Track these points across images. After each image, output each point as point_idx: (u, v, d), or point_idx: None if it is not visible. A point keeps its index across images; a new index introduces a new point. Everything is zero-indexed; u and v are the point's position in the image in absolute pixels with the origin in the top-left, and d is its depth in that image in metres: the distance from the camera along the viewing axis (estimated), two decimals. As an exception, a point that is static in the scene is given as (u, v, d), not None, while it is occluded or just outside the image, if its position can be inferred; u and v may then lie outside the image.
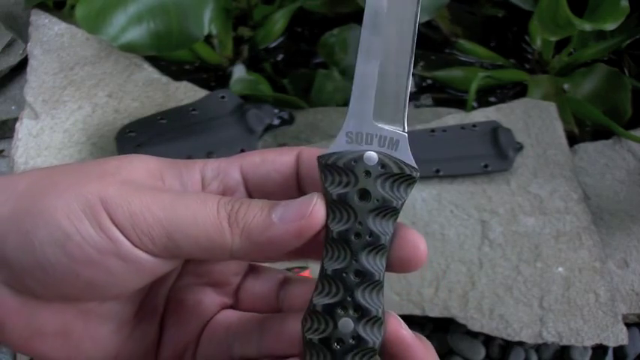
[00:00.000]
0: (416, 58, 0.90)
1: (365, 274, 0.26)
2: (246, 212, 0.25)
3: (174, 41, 0.69)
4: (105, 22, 0.67)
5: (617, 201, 0.71)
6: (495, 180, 0.69)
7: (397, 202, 0.27)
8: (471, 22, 0.92)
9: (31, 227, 0.24)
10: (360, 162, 0.26)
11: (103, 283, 0.25)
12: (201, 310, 0.29)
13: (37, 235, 0.24)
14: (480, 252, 0.65)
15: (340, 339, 0.26)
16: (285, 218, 0.25)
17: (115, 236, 0.24)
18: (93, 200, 0.24)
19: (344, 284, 0.26)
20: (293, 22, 0.87)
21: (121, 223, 0.24)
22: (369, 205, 0.26)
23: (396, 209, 0.26)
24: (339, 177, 0.26)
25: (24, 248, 0.24)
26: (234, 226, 0.25)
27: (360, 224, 0.26)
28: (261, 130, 0.69)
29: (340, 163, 0.26)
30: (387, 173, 0.27)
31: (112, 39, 0.67)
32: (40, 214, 0.24)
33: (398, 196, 0.27)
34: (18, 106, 0.79)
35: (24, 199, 0.25)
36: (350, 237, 0.26)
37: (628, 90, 0.80)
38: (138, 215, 0.24)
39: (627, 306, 0.65)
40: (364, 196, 0.26)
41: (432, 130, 0.71)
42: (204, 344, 0.29)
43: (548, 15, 0.75)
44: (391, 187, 0.27)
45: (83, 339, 0.27)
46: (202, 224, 0.25)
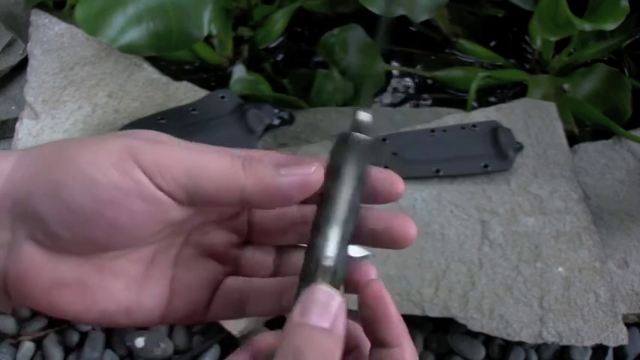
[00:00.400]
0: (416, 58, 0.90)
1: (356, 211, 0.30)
2: (258, 161, 0.29)
3: (173, 42, 0.69)
4: (104, 23, 0.67)
5: (617, 201, 0.71)
6: (495, 180, 0.69)
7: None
8: (471, 22, 0.92)
9: (60, 176, 0.27)
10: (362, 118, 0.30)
11: (124, 224, 0.28)
12: (208, 276, 0.33)
13: (66, 183, 0.27)
14: (480, 252, 0.65)
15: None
16: (292, 170, 0.29)
17: (139, 178, 0.27)
18: (120, 149, 0.27)
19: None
20: (293, 22, 0.87)
21: (146, 166, 0.27)
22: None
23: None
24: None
25: (53, 195, 0.27)
26: (247, 169, 0.28)
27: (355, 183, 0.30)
28: (261, 130, 0.69)
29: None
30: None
31: (111, 40, 0.67)
32: (68, 164, 0.27)
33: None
34: (18, 106, 0.79)
35: (50, 157, 0.28)
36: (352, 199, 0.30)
37: (628, 90, 0.80)
38: (163, 157, 0.28)
39: (627, 306, 0.65)
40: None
41: (432, 130, 0.71)
42: (215, 306, 0.33)
43: (548, 15, 0.75)
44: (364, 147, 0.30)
45: (98, 292, 0.30)
46: (220, 166, 0.28)
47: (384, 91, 0.87)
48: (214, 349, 0.67)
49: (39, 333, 0.69)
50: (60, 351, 0.67)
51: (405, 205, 0.67)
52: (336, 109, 0.79)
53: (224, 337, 0.67)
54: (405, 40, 0.91)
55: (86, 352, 0.67)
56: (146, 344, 0.66)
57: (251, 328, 0.65)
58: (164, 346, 0.66)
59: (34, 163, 0.28)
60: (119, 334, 0.68)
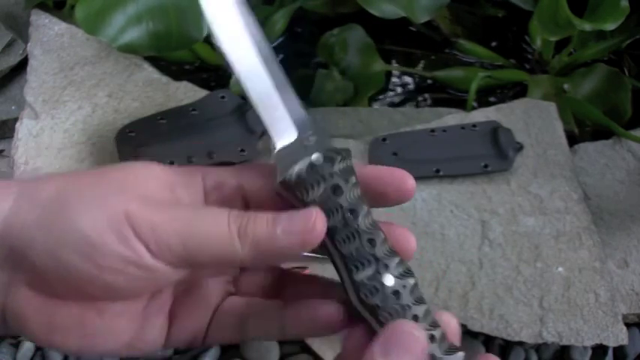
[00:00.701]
0: (416, 58, 0.90)
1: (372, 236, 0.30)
2: (254, 225, 0.29)
3: (173, 42, 0.69)
4: (104, 23, 0.67)
5: (617, 201, 0.71)
6: (495, 180, 0.69)
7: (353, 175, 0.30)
8: (471, 22, 0.92)
9: (59, 237, 0.27)
10: (315, 167, 0.30)
11: (122, 286, 0.28)
12: (208, 299, 0.33)
13: (66, 245, 0.27)
14: (480, 252, 0.65)
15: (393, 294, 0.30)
16: (288, 231, 0.28)
17: (137, 248, 0.27)
18: (118, 214, 0.27)
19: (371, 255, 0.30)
20: (293, 22, 0.87)
21: (144, 236, 0.27)
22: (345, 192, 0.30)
23: (356, 182, 0.30)
24: (310, 187, 0.29)
25: (52, 254, 0.27)
26: (243, 237, 0.28)
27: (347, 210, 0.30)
28: (261, 130, 0.69)
29: (304, 177, 0.29)
30: (333, 163, 0.30)
31: (111, 40, 0.67)
32: (68, 225, 0.27)
33: (350, 171, 0.31)
34: (18, 106, 0.79)
35: (50, 208, 0.28)
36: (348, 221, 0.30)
37: (628, 90, 0.80)
38: (159, 228, 0.27)
39: (627, 306, 0.65)
40: (337, 190, 0.30)
41: (432, 130, 0.71)
42: (214, 329, 0.33)
43: (548, 15, 0.75)
44: (342, 169, 0.30)
45: (99, 333, 0.30)
46: (215, 236, 0.28)
47: (384, 91, 0.87)
48: (214, 349, 0.67)
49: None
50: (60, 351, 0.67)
51: (405, 205, 0.67)
52: (336, 109, 0.79)
53: (224, 337, 0.67)
54: (405, 40, 0.90)
55: (86, 352, 0.67)
56: (146, 344, 0.66)
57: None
58: (164, 346, 0.66)
59: (33, 209, 0.28)
60: (119, 334, 0.68)
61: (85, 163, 0.68)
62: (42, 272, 0.28)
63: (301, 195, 0.30)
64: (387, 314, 0.29)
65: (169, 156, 0.66)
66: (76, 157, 0.68)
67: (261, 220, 0.29)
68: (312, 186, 0.29)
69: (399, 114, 0.78)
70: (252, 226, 0.28)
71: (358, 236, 0.30)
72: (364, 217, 0.30)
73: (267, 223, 0.29)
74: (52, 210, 0.28)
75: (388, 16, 0.73)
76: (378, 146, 0.70)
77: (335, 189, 0.30)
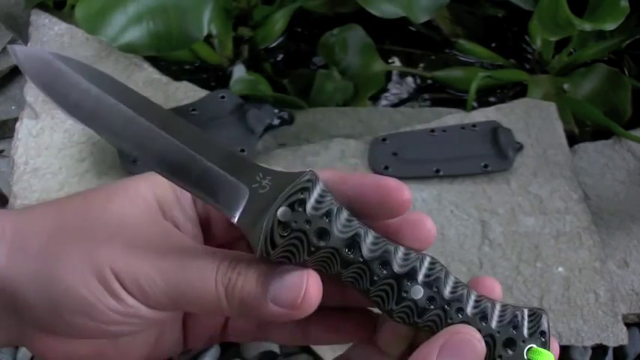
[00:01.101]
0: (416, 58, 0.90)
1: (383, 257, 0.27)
2: (242, 287, 0.27)
3: (173, 41, 0.69)
4: (104, 22, 0.67)
5: (617, 201, 0.71)
6: (495, 180, 0.69)
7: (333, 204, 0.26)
8: (471, 22, 0.92)
9: (57, 299, 0.27)
10: (287, 224, 0.25)
11: (127, 331, 0.29)
12: None
13: (65, 307, 0.27)
14: (479, 252, 0.65)
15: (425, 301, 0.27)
16: (278, 301, 0.26)
17: (132, 302, 0.27)
18: (105, 270, 0.27)
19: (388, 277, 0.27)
20: (293, 22, 0.87)
21: (133, 293, 0.27)
22: (334, 231, 0.26)
23: (339, 208, 0.26)
24: (291, 251, 0.26)
25: (52, 315, 0.27)
26: (231, 300, 0.27)
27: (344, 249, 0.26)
28: (261, 130, 0.69)
29: (279, 242, 0.25)
30: (304, 204, 0.26)
31: (111, 39, 0.67)
32: (61, 285, 0.27)
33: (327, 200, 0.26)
34: (18, 106, 0.79)
35: (42, 266, 0.27)
36: (350, 260, 0.26)
37: (628, 90, 0.80)
38: (146, 289, 0.27)
39: (627, 306, 0.65)
40: (323, 234, 0.26)
41: (432, 130, 0.71)
42: (231, 331, 0.33)
43: (548, 15, 0.75)
44: (317, 205, 0.26)
45: (117, 356, 0.31)
46: (202, 294, 0.27)
47: (384, 91, 0.87)
48: (214, 349, 0.67)
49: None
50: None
51: (405, 205, 0.67)
52: (336, 109, 0.79)
53: (224, 337, 0.67)
54: (405, 40, 0.90)
55: (86, 352, 0.67)
56: (146, 344, 0.66)
57: (251, 328, 0.65)
58: (164, 346, 0.66)
59: (26, 264, 0.27)
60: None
61: (86, 162, 0.68)
62: (47, 326, 0.28)
63: (288, 260, 0.26)
64: (431, 324, 0.27)
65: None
66: (76, 157, 0.68)
67: (250, 280, 0.27)
68: (294, 248, 0.26)
69: (399, 114, 0.78)
70: (240, 286, 0.26)
71: (367, 268, 0.26)
72: (365, 242, 0.26)
73: (257, 283, 0.26)
74: (44, 268, 0.27)
75: (388, 15, 0.73)
76: (378, 146, 0.70)
77: (320, 234, 0.26)
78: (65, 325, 0.27)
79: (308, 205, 0.25)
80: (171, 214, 0.30)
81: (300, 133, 0.76)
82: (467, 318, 0.28)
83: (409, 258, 0.27)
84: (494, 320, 0.28)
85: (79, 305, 0.27)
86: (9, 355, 0.67)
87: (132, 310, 0.27)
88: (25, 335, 0.29)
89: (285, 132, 0.74)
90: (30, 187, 0.65)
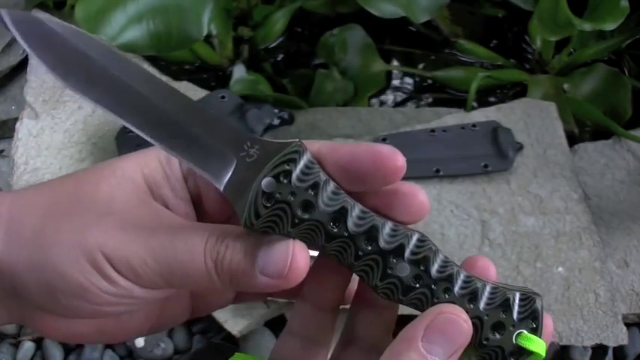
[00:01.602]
0: (416, 58, 0.90)
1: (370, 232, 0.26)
2: (230, 259, 0.26)
3: (173, 41, 0.69)
4: (104, 21, 0.67)
5: (617, 201, 0.71)
6: (495, 180, 0.69)
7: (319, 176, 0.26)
8: (471, 22, 0.92)
9: (51, 281, 0.27)
10: (271, 195, 0.25)
11: (124, 310, 0.29)
12: None
13: (58, 289, 0.27)
14: (479, 252, 0.64)
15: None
16: (266, 272, 0.26)
17: (124, 284, 0.27)
18: (96, 253, 0.27)
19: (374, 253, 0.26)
20: (293, 22, 0.87)
21: (125, 274, 0.27)
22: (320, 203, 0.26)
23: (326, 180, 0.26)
24: (276, 222, 0.25)
25: (49, 298, 0.28)
26: (221, 274, 0.27)
27: (330, 222, 0.26)
28: (261, 130, 0.69)
29: (263, 213, 0.25)
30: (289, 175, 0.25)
31: (111, 39, 0.67)
32: (55, 270, 0.27)
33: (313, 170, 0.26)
34: (18, 106, 0.79)
35: (35, 250, 0.28)
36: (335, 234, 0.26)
37: (628, 90, 0.80)
38: (137, 269, 0.27)
39: (627, 306, 0.65)
40: (308, 206, 0.26)
41: (432, 130, 0.71)
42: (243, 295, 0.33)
43: (548, 15, 0.75)
44: (303, 176, 0.25)
45: (119, 332, 0.31)
46: (193, 270, 0.27)
47: (384, 91, 0.87)
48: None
49: (39, 333, 0.69)
50: (60, 351, 0.67)
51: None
52: (336, 109, 0.79)
53: (224, 337, 0.67)
54: (405, 40, 0.90)
55: (86, 352, 0.67)
56: (146, 344, 0.66)
57: (251, 327, 0.65)
58: (164, 346, 0.66)
59: (21, 249, 0.28)
60: (119, 334, 0.68)
61: (85, 162, 0.68)
62: (46, 308, 0.28)
63: (272, 231, 0.26)
64: (417, 302, 0.27)
65: (169, 156, 0.66)
66: (76, 157, 0.68)
67: (238, 252, 0.26)
68: (278, 219, 0.25)
69: (399, 114, 0.78)
70: (229, 259, 0.26)
71: (352, 242, 0.26)
72: (351, 216, 0.26)
73: (245, 255, 0.26)
74: (38, 254, 0.28)
75: (388, 15, 0.73)
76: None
77: (305, 207, 0.25)
78: (62, 308, 0.28)
79: (293, 176, 0.25)
80: (160, 193, 0.30)
81: (300, 133, 0.76)
82: (454, 298, 0.27)
83: (397, 234, 0.27)
84: (482, 302, 0.27)
85: (73, 289, 0.27)
86: (9, 355, 0.67)
87: (125, 292, 0.27)
88: (26, 315, 0.29)
89: (285, 132, 0.74)
90: (30, 187, 0.65)
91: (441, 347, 0.26)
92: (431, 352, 0.26)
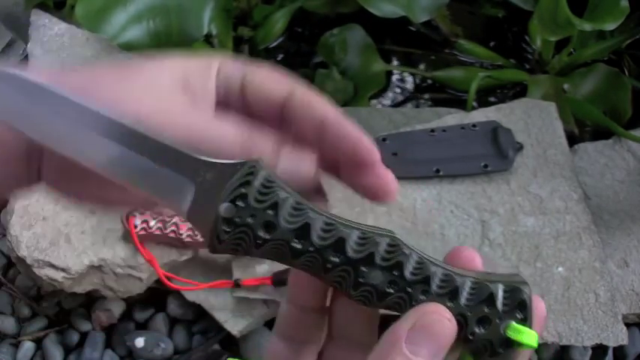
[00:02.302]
0: (416, 58, 0.90)
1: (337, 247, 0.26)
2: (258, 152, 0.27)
3: (173, 40, 0.69)
4: (105, 20, 0.67)
5: (617, 201, 0.71)
6: (495, 180, 0.69)
7: (278, 193, 0.26)
8: (471, 22, 0.92)
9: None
10: (231, 221, 0.25)
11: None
12: None
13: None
14: (479, 252, 0.64)
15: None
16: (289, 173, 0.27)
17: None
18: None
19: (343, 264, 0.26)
20: (293, 22, 0.87)
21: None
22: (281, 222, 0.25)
23: (286, 197, 0.26)
24: (238, 245, 0.25)
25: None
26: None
27: (294, 239, 0.25)
28: (261, 130, 0.69)
29: (226, 239, 0.25)
30: (246, 198, 0.25)
31: (111, 38, 0.67)
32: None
33: (271, 188, 0.25)
34: (18, 106, 0.79)
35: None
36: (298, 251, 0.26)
37: (628, 90, 0.80)
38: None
39: (627, 306, 0.65)
40: (269, 226, 0.25)
41: (432, 130, 0.71)
42: None
43: (548, 15, 0.75)
44: (259, 193, 0.25)
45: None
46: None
47: (384, 91, 0.87)
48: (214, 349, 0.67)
49: (39, 333, 0.69)
50: (60, 351, 0.67)
51: (405, 205, 0.67)
52: (336, 109, 0.79)
53: (224, 337, 0.67)
54: (405, 40, 0.90)
55: (86, 352, 0.67)
56: (146, 344, 0.66)
57: (251, 328, 0.65)
58: (164, 346, 0.66)
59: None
60: (119, 334, 0.68)
61: (85, 162, 0.68)
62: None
63: (237, 253, 0.25)
64: (396, 305, 0.26)
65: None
66: (76, 157, 0.68)
67: (267, 146, 0.27)
68: (242, 241, 0.25)
69: (399, 114, 0.78)
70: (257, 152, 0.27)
71: (320, 255, 0.25)
72: (315, 230, 0.25)
73: (273, 151, 0.27)
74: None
75: (388, 15, 0.73)
76: (378, 146, 0.69)
77: (266, 227, 0.25)
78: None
79: (250, 198, 0.25)
80: (193, 88, 0.29)
81: (300, 133, 0.75)
82: (433, 298, 0.26)
83: (365, 242, 0.26)
84: (464, 298, 0.27)
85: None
86: (9, 355, 0.67)
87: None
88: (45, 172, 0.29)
89: (285, 132, 0.74)
90: (30, 186, 0.65)
91: (426, 348, 0.25)
92: (416, 353, 0.25)
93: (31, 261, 0.62)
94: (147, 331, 0.68)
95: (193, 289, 0.65)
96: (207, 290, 0.65)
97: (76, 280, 0.63)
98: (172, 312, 0.68)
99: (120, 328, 0.68)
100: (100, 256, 0.62)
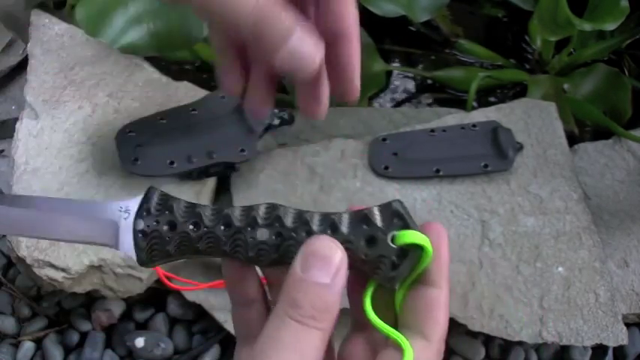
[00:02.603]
0: (416, 58, 0.90)
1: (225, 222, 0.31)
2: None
3: (174, 42, 0.69)
4: (105, 23, 0.67)
5: (617, 201, 0.71)
6: (495, 180, 0.69)
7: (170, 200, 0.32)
8: (471, 22, 0.92)
9: None
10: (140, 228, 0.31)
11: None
12: None
13: None
14: (480, 252, 0.65)
15: None
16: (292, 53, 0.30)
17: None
18: None
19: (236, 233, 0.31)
20: (293, 22, 0.87)
21: None
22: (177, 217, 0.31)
23: (177, 201, 0.32)
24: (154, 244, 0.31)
25: None
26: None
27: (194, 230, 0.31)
28: (261, 130, 0.69)
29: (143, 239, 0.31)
30: (147, 207, 0.32)
31: (112, 42, 0.67)
32: None
33: (166, 200, 0.32)
34: (18, 106, 0.79)
35: None
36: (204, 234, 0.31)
37: (628, 90, 0.80)
38: None
39: (627, 306, 0.65)
40: (171, 225, 0.31)
41: (432, 130, 0.71)
42: None
43: (548, 15, 0.75)
44: (157, 204, 0.32)
45: None
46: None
47: (384, 91, 0.87)
48: (214, 349, 0.67)
49: (39, 333, 0.69)
50: (60, 351, 0.67)
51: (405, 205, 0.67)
52: (336, 109, 0.79)
53: (224, 337, 0.67)
54: (405, 40, 0.91)
55: (86, 352, 0.67)
56: (146, 344, 0.66)
57: (251, 328, 0.65)
58: (164, 346, 0.66)
59: None
60: (119, 334, 0.68)
61: (85, 162, 0.68)
62: None
63: (159, 259, 0.31)
64: (291, 254, 0.29)
65: (169, 156, 0.66)
66: (76, 157, 0.68)
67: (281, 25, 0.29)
68: (158, 245, 0.31)
69: (399, 114, 0.78)
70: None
71: (213, 235, 0.30)
72: (205, 216, 0.31)
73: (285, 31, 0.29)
74: None
75: (389, 14, 0.73)
76: (378, 146, 0.70)
77: (170, 226, 0.31)
78: None
79: (152, 209, 0.31)
80: None
81: (300, 133, 0.76)
82: (317, 235, 0.30)
83: (246, 211, 0.31)
84: (344, 227, 0.30)
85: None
86: (9, 355, 0.67)
87: None
88: None
89: (285, 132, 0.74)
90: (30, 187, 0.65)
91: (320, 269, 0.28)
92: (312, 277, 0.28)
93: (31, 261, 0.62)
94: (147, 331, 0.68)
95: (193, 289, 0.65)
96: (207, 290, 0.65)
97: (76, 280, 0.63)
98: (172, 312, 0.68)
99: (120, 328, 0.68)
100: (100, 256, 0.62)
